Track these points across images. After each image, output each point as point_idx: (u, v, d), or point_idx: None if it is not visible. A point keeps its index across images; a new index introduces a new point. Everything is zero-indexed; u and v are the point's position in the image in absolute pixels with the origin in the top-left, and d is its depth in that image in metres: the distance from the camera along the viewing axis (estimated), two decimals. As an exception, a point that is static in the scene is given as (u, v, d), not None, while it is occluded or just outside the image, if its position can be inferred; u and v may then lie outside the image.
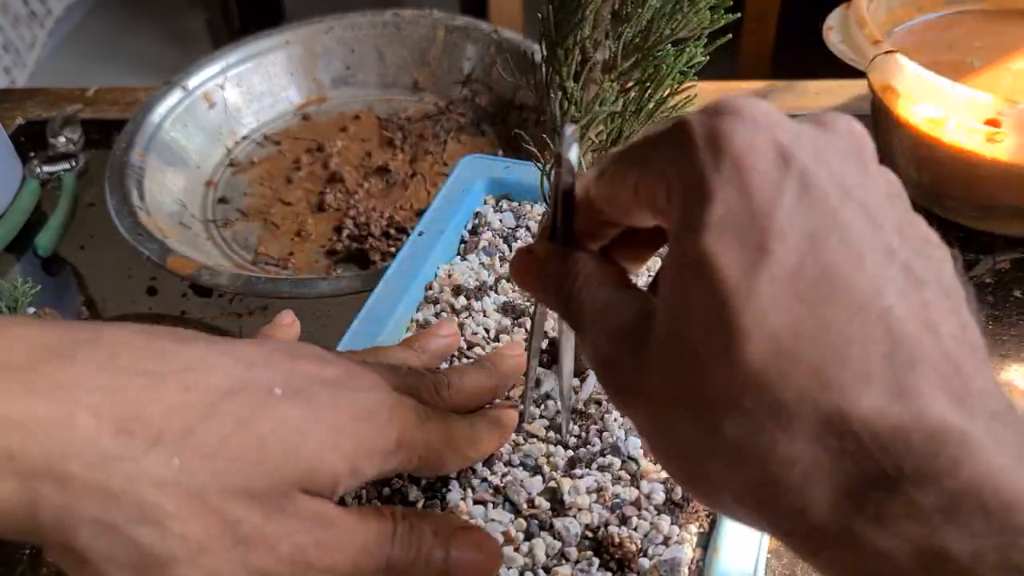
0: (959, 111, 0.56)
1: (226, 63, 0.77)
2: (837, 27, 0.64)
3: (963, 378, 0.21)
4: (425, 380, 0.36)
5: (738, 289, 0.21)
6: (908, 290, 0.22)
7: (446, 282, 0.50)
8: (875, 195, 0.23)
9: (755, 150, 0.22)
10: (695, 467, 0.24)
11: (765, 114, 0.23)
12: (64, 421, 0.25)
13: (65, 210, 0.69)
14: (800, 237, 0.21)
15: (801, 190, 0.22)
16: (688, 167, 0.23)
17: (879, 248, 0.22)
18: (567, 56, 0.33)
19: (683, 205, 0.23)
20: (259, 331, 0.42)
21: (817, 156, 0.23)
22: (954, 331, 0.22)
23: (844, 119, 0.25)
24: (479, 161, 0.56)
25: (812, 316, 0.21)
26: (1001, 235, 0.62)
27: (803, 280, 0.21)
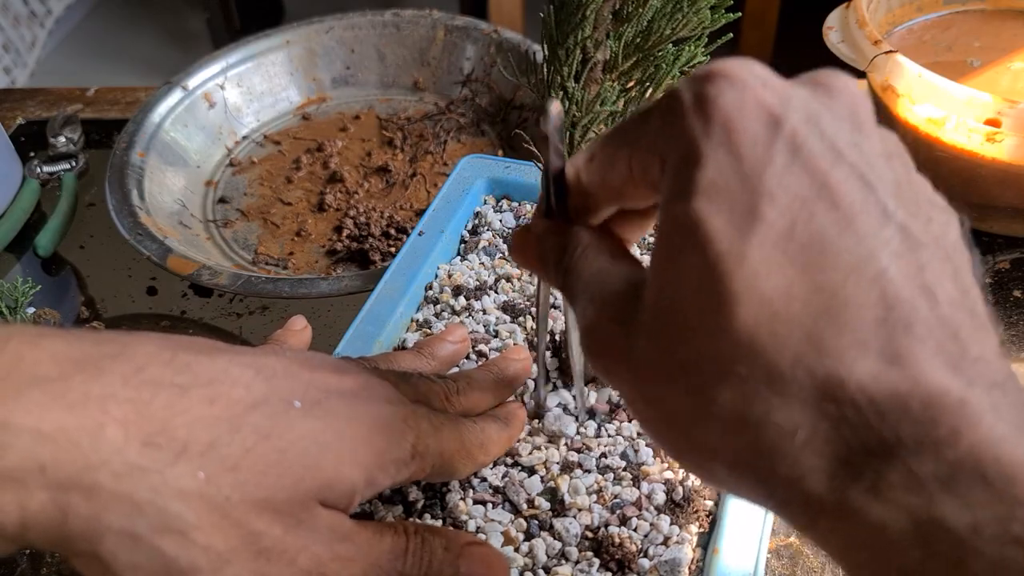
0: (959, 111, 0.56)
1: (226, 63, 0.77)
2: (837, 27, 0.64)
3: (960, 343, 0.21)
4: (435, 387, 0.36)
5: (729, 253, 0.21)
6: (903, 252, 0.21)
7: (446, 282, 0.50)
8: (870, 156, 0.22)
9: (744, 112, 0.22)
10: (688, 437, 0.23)
11: (755, 75, 0.23)
12: (93, 433, 0.25)
13: (65, 210, 0.69)
14: (791, 200, 0.21)
15: (792, 152, 0.21)
16: (678, 134, 0.22)
17: (873, 210, 0.21)
18: (568, 56, 0.33)
19: (674, 172, 0.23)
20: (271, 335, 0.43)
21: (808, 117, 0.22)
22: (952, 295, 0.21)
23: (840, 78, 0.24)
24: (479, 161, 0.56)
25: (804, 280, 0.21)
26: (1001, 235, 0.62)
27: (794, 243, 0.21)
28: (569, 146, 0.36)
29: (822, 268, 0.21)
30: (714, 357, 0.21)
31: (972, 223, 0.64)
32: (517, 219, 0.54)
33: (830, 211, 0.21)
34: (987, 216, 0.61)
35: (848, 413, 0.20)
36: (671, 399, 0.23)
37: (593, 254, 0.27)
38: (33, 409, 0.25)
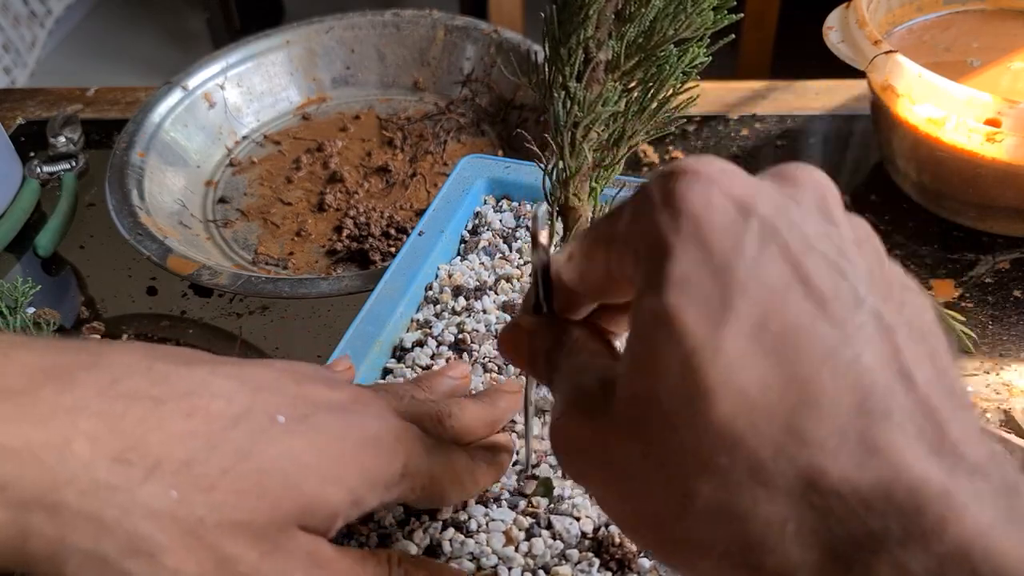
0: (959, 111, 0.56)
1: (226, 63, 0.77)
2: (837, 27, 0.64)
3: (939, 428, 0.20)
4: (428, 409, 0.35)
5: (703, 347, 0.21)
6: (877, 337, 0.21)
7: (446, 282, 0.50)
8: (841, 244, 0.22)
9: (712, 206, 0.22)
10: (669, 533, 0.22)
11: (720, 171, 0.23)
12: (60, 448, 0.24)
13: (65, 210, 0.69)
14: (763, 290, 0.21)
15: (762, 242, 0.21)
16: (648, 229, 0.23)
17: (845, 296, 0.21)
18: (570, 56, 0.33)
19: (645, 266, 0.23)
20: None
21: (777, 209, 0.22)
22: (929, 377, 0.21)
23: (804, 170, 0.24)
24: (479, 161, 0.56)
25: (780, 370, 0.20)
26: (1001, 235, 0.62)
27: (768, 333, 0.21)
28: (571, 146, 0.36)
29: (797, 357, 0.20)
30: (694, 451, 0.21)
31: (972, 223, 0.64)
32: (517, 219, 0.54)
33: (803, 299, 0.21)
34: (987, 216, 0.61)
35: (833, 504, 0.20)
36: (648, 495, 0.22)
37: (577, 351, 0.27)
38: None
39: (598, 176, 0.39)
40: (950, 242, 0.63)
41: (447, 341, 0.46)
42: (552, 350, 0.28)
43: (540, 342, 0.29)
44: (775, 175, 0.24)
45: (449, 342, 0.46)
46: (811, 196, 0.23)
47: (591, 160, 0.37)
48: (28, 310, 0.56)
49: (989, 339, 0.56)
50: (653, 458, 0.22)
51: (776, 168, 0.24)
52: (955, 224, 0.63)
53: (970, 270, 0.60)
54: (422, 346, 0.46)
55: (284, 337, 0.58)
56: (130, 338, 0.58)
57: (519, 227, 0.54)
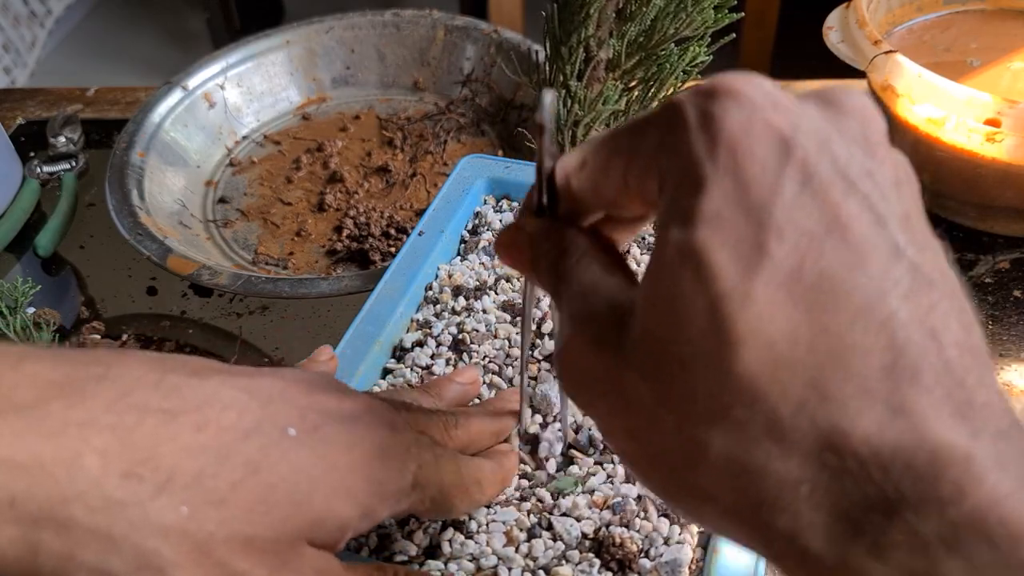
0: (959, 111, 0.56)
1: (226, 63, 0.77)
2: (837, 27, 0.64)
3: (967, 391, 0.20)
4: (436, 419, 0.35)
5: (733, 292, 0.20)
6: (913, 293, 0.20)
7: (446, 282, 0.50)
8: (882, 185, 0.21)
9: (752, 135, 0.20)
10: (677, 479, 0.22)
11: (764, 94, 0.21)
12: (70, 463, 0.24)
13: (65, 210, 0.69)
14: (800, 235, 0.20)
15: (802, 181, 0.20)
16: (680, 153, 0.21)
17: (884, 246, 0.20)
18: (571, 54, 0.33)
19: (674, 194, 0.21)
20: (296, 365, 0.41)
21: (820, 142, 0.21)
22: (958, 337, 0.20)
23: (853, 95, 0.23)
24: (479, 161, 0.56)
25: (811, 322, 0.20)
26: (1001, 235, 0.62)
27: (802, 283, 0.20)
28: (572, 144, 0.36)
29: (830, 310, 0.20)
30: (711, 399, 0.20)
31: (972, 223, 0.64)
32: (517, 219, 0.54)
33: (840, 248, 0.20)
34: (987, 216, 0.61)
35: (850, 466, 0.19)
36: (658, 438, 0.22)
37: (588, 262, 0.26)
38: (7, 437, 0.23)
39: (598, 176, 0.39)
40: (950, 242, 0.63)
41: (447, 341, 0.46)
42: (558, 258, 0.26)
43: (544, 247, 0.27)
44: (821, 98, 0.23)
45: (449, 342, 0.46)
46: (857, 126, 0.22)
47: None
48: (28, 310, 0.56)
49: (989, 339, 0.56)
50: (667, 402, 0.21)
51: (823, 90, 0.23)
52: (955, 224, 0.63)
53: (970, 270, 0.60)
54: (422, 346, 0.46)
55: (284, 337, 0.58)
56: (130, 338, 0.58)
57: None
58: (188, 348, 0.58)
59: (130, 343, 0.58)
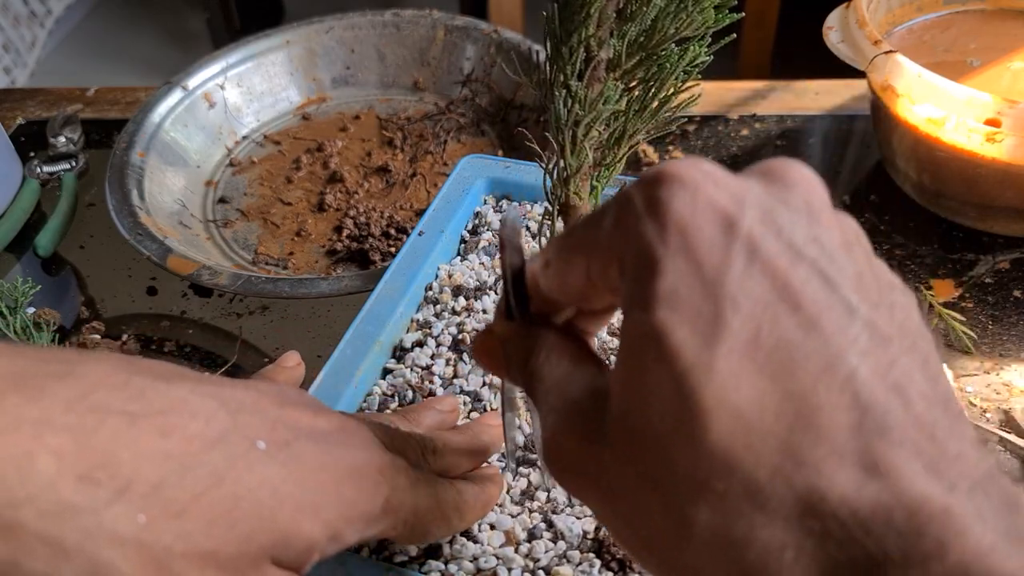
0: (959, 111, 0.56)
1: (226, 63, 0.77)
2: (837, 27, 0.64)
3: (938, 444, 0.20)
4: (413, 441, 0.34)
5: (696, 365, 0.20)
6: (872, 349, 0.20)
7: (446, 282, 0.50)
8: (829, 249, 0.22)
9: (698, 215, 0.21)
10: (667, 557, 0.22)
11: (705, 175, 0.22)
12: (22, 463, 0.22)
13: (65, 210, 0.69)
14: (753, 305, 0.20)
15: (750, 254, 0.21)
16: (634, 240, 0.22)
17: (837, 307, 0.21)
18: (571, 54, 0.33)
19: (632, 280, 0.22)
20: (262, 371, 0.40)
21: (764, 214, 0.22)
22: (924, 389, 0.21)
23: (793, 168, 0.23)
24: (479, 161, 0.56)
25: (775, 388, 0.20)
26: (1001, 235, 0.62)
27: (762, 351, 0.20)
28: (572, 144, 0.36)
29: (791, 374, 0.20)
30: (690, 474, 0.20)
31: (972, 223, 0.64)
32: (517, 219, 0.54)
33: (793, 313, 0.20)
34: (987, 216, 0.61)
35: (832, 528, 0.19)
36: (647, 519, 0.22)
37: (557, 358, 0.26)
38: None
39: (599, 175, 0.39)
40: (950, 242, 0.63)
41: (447, 341, 0.46)
42: (529, 358, 0.27)
43: (515, 350, 0.28)
44: (763, 173, 0.23)
45: (449, 342, 0.46)
46: (799, 196, 0.23)
47: (592, 159, 0.37)
48: (28, 310, 0.56)
49: (989, 339, 0.56)
50: (649, 482, 0.21)
51: (764, 165, 0.24)
52: (955, 224, 0.63)
53: (970, 270, 0.60)
54: (422, 346, 0.46)
55: (284, 337, 0.58)
56: (130, 338, 0.58)
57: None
58: (188, 348, 0.58)
59: (130, 343, 0.58)
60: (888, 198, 0.67)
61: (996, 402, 0.52)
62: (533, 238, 0.52)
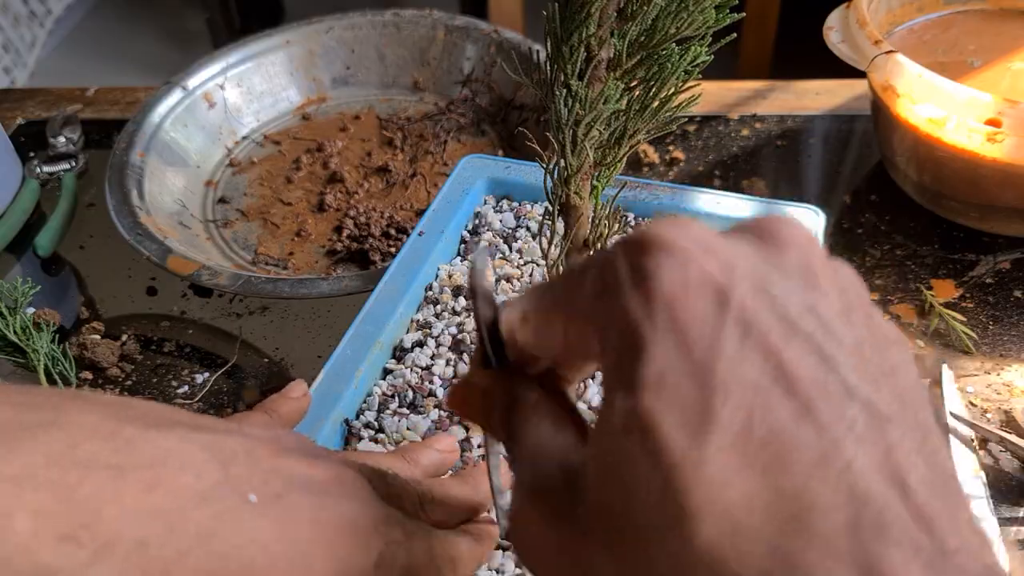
0: (959, 111, 0.56)
1: (226, 63, 0.77)
2: (837, 27, 0.64)
3: (938, 539, 0.19)
4: (409, 491, 0.33)
5: (684, 462, 0.19)
6: (869, 434, 0.19)
7: (446, 282, 0.50)
8: (827, 317, 0.20)
9: (688, 289, 0.20)
10: None
11: (695, 242, 0.20)
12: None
13: (65, 210, 0.69)
14: (745, 391, 0.19)
15: (742, 333, 0.19)
16: (616, 313, 0.20)
17: (833, 390, 0.19)
18: (572, 54, 0.33)
19: (615, 359, 0.20)
20: (266, 401, 0.39)
21: (756, 286, 0.20)
22: (923, 474, 0.19)
23: (785, 226, 0.22)
24: (479, 161, 0.56)
25: (766, 484, 0.18)
26: (1002, 235, 0.62)
27: (753, 443, 0.19)
28: (572, 144, 0.36)
29: (783, 468, 0.18)
30: (673, 572, 0.19)
31: (973, 223, 0.64)
32: (517, 219, 0.54)
33: (787, 399, 0.19)
34: (988, 216, 0.61)
35: None
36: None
37: (537, 419, 0.25)
38: None
39: (599, 175, 0.39)
40: (950, 242, 0.63)
41: (447, 342, 0.46)
42: (507, 413, 0.25)
43: (496, 403, 0.26)
44: (756, 233, 0.22)
45: (449, 343, 0.46)
46: (794, 259, 0.21)
47: (592, 158, 0.37)
48: (28, 310, 0.56)
49: (989, 339, 0.55)
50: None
51: (755, 223, 0.22)
52: (955, 224, 0.63)
53: (970, 270, 0.60)
54: (422, 346, 0.46)
55: (284, 337, 0.58)
56: (130, 338, 0.58)
57: (519, 227, 0.53)
58: (188, 348, 0.58)
59: (130, 343, 0.58)
60: (888, 198, 0.67)
61: (996, 402, 0.52)
62: (533, 238, 0.52)
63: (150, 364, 0.57)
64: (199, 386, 0.55)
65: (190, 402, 0.54)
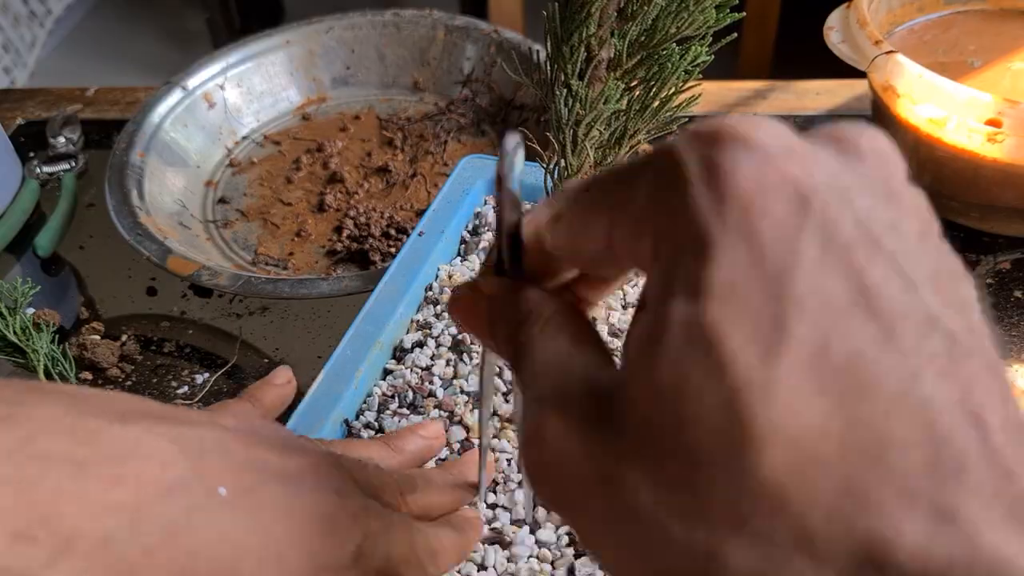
0: (960, 111, 0.55)
1: (226, 63, 0.77)
2: (837, 27, 0.64)
3: (1017, 486, 0.17)
4: (390, 481, 0.32)
5: (752, 382, 0.17)
6: (950, 368, 0.18)
7: (446, 283, 0.50)
8: (909, 238, 0.19)
9: (766, 191, 0.18)
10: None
11: (776, 139, 0.18)
12: None
13: (65, 210, 0.69)
14: (823, 309, 0.17)
15: (823, 244, 0.18)
16: (682, 213, 0.18)
17: (916, 315, 0.18)
18: (572, 53, 0.33)
19: (675, 261, 0.18)
20: (250, 388, 0.38)
21: (840, 194, 0.18)
22: (1002, 415, 0.18)
23: (869, 136, 0.20)
24: (479, 161, 0.56)
25: (841, 414, 0.17)
26: (1002, 235, 0.62)
27: (828, 366, 0.17)
28: (573, 144, 0.36)
29: (861, 398, 0.17)
30: (728, 506, 0.17)
31: (973, 223, 0.64)
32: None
33: (868, 321, 0.17)
34: (988, 216, 0.61)
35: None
36: (660, 548, 0.18)
37: (554, 332, 0.22)
38: None
39: (599, 176, 0.39)
40: (951, 242, 0.62)
41: (447, 342, 0.46)
42: (519, 325, 0.23)
43: (503, 312, 0.24)
44: (837, 141, 0.20)
45: (449, 343, 0.46)
46: (876, 172, 0.20)
47: (593, 158, 0.37)
48: (28, 311, 0.56)
49: (990, 339, 0.55)
50: (675, 507, 0.18)
51: (835, 130, 0.20)
52: (956, 224, 0.63)
53: (971, 270, 0.60)
54: (422, 347, 0.46)
55: (284, 338, 0.58)
56: (130, 338, 0.58)
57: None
58: (188, 348, 0.58)
59: (130, 343, 0.58)
60: (889, 198, 0.66)
61: (997, 402, 0.52)
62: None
63: (150, 364, 0.57)
64: (199, 386, 0.55)
65: (190, 402, 0.54)
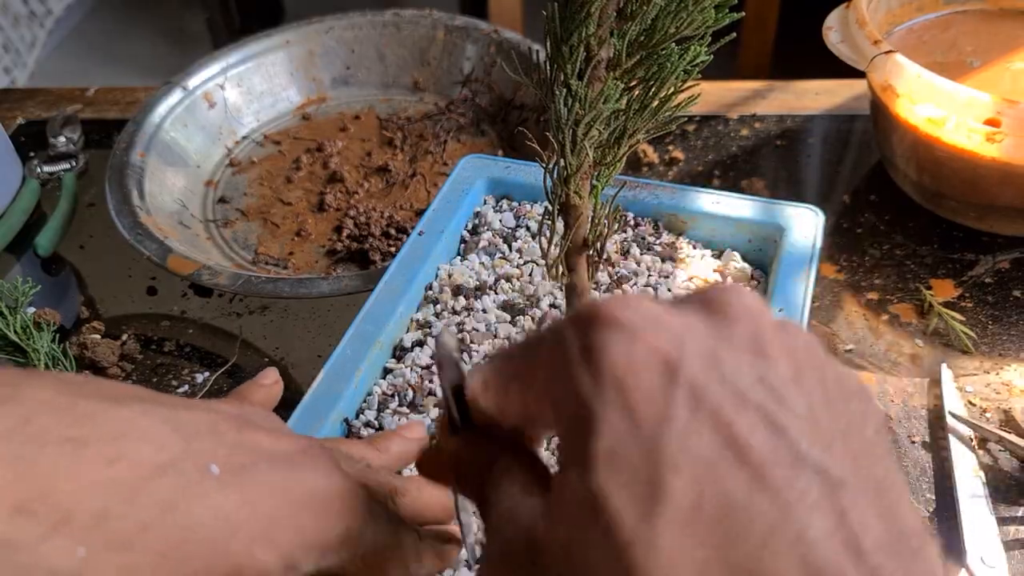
0: (959, 111, 0.56)
1: (226, 63, 0.77)
2: (837, 27, 0.64)
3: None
4: (381, 480, 0.32)
5: (636, 539, 0.18)
6: (822, 500, 0.19)
7: (446, 282, 0.50)
8: (777, 386, 0.20)
9: (636, 365, 0.20)
10: None
11: (643, 316, 0.21)
12: None
13: (65, 210, 0.69)
14: (695, 464, 0.19)
15: (692, 406, 0.19)
16: (567, 388, 0.20)
17: (784, 457, 0.19)
18: (572, 53, 0.33)
19: (568, 435, 0.21)
20: (239, 388, 0.39)
21: (707, 359, 0.20)
22: (878, 536, 0.19)
23: (734, 295, 0.22)
24: (479, 161, 0.56)
25: (719, 557, 0.18)
26: (1001, 235, 0.62)
27: (704, 518, 0.18)
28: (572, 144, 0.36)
29: (736, 541, 0.18)
30: None
31: (972, 223, 0.64)
32: (517, 219, 0.54)
33: (738, 470, 0.19)
34: (987, 216, 0.61)
35: None
36: None
37: (507, 484, 0.24)
38: None
39: (599, 174, 0.39)
40: (950, 242, 0.63)
41: (447, 341, 0.46)
42: (479, 476, 0.25)
43: (465, 468, 0.26)
44: (704, 304, 0.22)
45: (449, 342, 0.46)
46: (743, 329, 0.21)
47: (592, 158, 0.37)
48: (28, 310, 0.56)
49: (989, 339, 0.56)
50: None
51: (705, 295, 0.23)
52: (955, 224, 0.63)
53: (970, 270, 0.60)
54: (422, 346, 0.46)
55: (284, 337, 0.58)
56: (130, 338, 0.58)
57: (519, 227, 0.54)
58: (188, 348, 0.58)
59: (130, 343, 0.58)
60: (888, 198, 0.67)
61: (996, 402, 0.52)
62: (533, 238, 0.52)
63: (150, 364, 0.57)
64: (199, 386, 0.55)
65: (190, 402, 0.54)
